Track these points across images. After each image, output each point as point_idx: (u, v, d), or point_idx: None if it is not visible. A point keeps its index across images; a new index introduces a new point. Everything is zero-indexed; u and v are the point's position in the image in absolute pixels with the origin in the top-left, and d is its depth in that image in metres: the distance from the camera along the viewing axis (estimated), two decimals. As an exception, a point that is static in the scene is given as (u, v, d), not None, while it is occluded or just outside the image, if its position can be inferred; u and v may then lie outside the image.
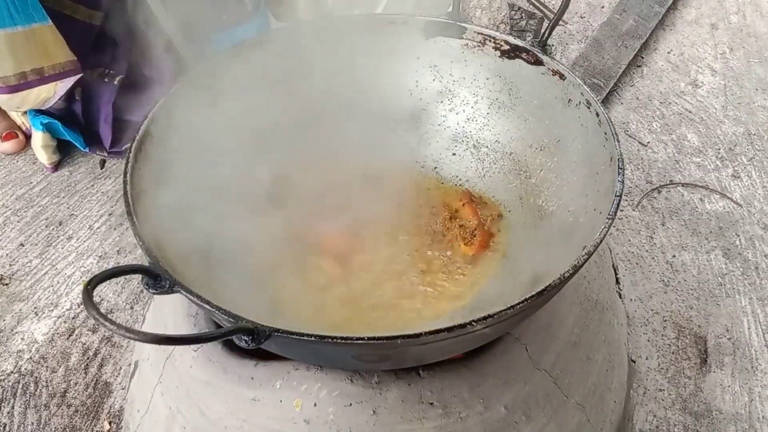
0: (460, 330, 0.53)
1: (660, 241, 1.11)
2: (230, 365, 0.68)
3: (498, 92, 0.84)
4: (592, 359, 0.77)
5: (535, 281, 0.72)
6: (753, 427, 0.87)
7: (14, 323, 0.99)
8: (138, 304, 1.02)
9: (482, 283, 0.77)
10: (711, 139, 1.32)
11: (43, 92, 1.14)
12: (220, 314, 0.54)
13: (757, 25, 1.63)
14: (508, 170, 0.84)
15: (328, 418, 0.63)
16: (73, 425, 0.87)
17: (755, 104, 1.40)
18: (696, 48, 1.56)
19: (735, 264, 1.08)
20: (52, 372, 0.93)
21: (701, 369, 0.94)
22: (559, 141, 0.78)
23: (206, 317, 0.75)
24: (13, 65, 1.08)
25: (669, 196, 1.20)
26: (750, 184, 1.22)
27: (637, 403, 0.89)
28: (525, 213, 0.80)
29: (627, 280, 1.05)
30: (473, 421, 0.65)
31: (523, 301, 0.54)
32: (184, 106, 0.76)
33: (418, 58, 0.87)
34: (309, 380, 0.65)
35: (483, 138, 0.86)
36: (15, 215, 1.16)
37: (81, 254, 1.09)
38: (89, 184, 1.22)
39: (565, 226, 0.73)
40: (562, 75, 0.76)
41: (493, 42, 0.82)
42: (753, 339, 0.97)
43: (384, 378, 0.65)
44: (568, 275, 0.56)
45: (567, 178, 0.76)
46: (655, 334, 0.98)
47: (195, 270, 0.69)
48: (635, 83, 1.46)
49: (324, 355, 0.62)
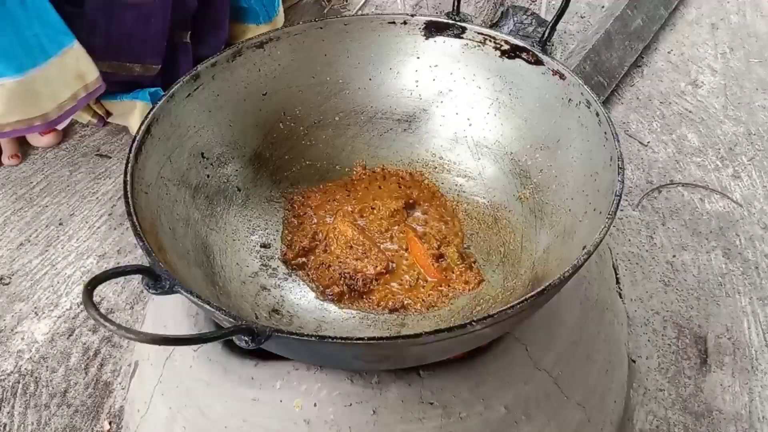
0: (460, 330, 0.53)
1: (660, 241, 1.11)
2: (230, 365, 0.68)
3: (498, 92, 0.84)
4: (593, 359, 0.77)
5: (535, 281, 0.72)
6: (753, 427, 0.87)
7: (14, 323, 0.99)
8: (138, 304, 1.02)
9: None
10: (711, 139, 1.32)
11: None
12: (220, 315, 0.54)
13: (757, 25, 1.63)
14: (508, 170, 0.84)
15: (328, 418, 0.63)
16: (73, 425, 0.87)
17: (755, 104, 1.40)
18: (696, 48, 1.56)
19: (735, 264, 1.08)
20: (52, 372, 0.93)
21: (701, 369, 0.94)
22: (559, 141, 0.78)
23: (206, 317, 0.75)
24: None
25: (669, 196, 1.20)
26: (750, 184, 1.22)
27: (638, 403, 0.89)
28: (525, 213, 0.80)
29: (627, 280, 1.05)
30: (473, 421, 0.65)
31: (523, 301, 0.54)
32: (184, 106, 0.76)
33: (418, 58, 0.87)
34: (309, 380, 0.65)
35: (483, 138, 0.86)
36: (15, 215, 1.16)
37: (81, 254, 1.09)
38: (89, 184, 1.22)
39: (565, 226, 0.73)
40: (562, 75, 0.76)
41: (493, 42, 0.82)
42: (753, 339, 0.97)
43: (384, 378, 0.65)
44: (568, 275, 0.56)
45: (567, 178, 0.76)
46: (656, 334, 0.98)
47: (195, 270, 0.69)
48: (635, 83, 1.46)
49: (324, 356, 0.63)
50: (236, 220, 0.81)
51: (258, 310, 0.73)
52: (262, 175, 0.85)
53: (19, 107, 1.03)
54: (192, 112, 0.77)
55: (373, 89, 0.89)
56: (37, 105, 1.04)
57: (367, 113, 0.90)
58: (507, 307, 0.54)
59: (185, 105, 0.76)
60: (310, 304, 0.76)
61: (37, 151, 1.29)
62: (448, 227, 0.83)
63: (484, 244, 0.82)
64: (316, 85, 0.87)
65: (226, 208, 0.80)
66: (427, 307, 0.75)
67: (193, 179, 0.76)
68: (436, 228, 0.83)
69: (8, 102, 1.01)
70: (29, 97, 1.02)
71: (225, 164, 0.81)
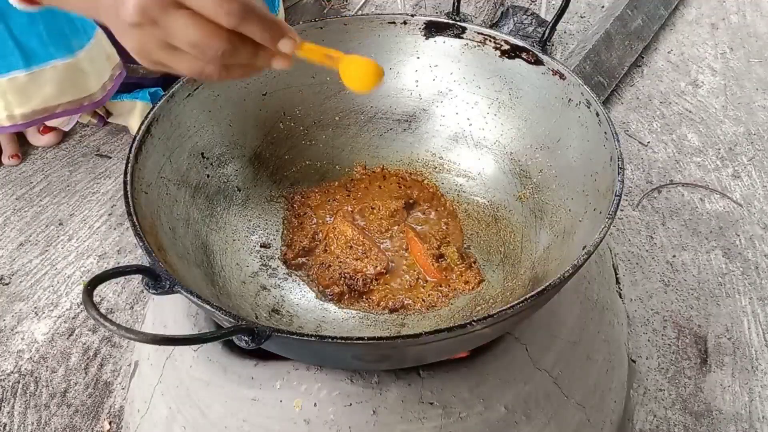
0: (460, 330, 0.53)
1: (660, 241, 1.11)
2: (230, 365, 0.68)
3: (498, 92, 0.84)
4: (593, 359, 0.77)
5: (535, 281, 0.72)
6: (753, 427, 0.87)
7: (14, 323, 0.99)
8: (138, 304, 1.02)
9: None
10: (711, 138, 1.32)
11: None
12: (220, 314, 0.54)
13: (757, 25, 1.63)
14: (508, 170, 0.84)
15: (328, 418, 0.63)
16: (73, 425, 0.87)
17: (755, 104, 1.40)
18: (696, 48, 1.56)
19: (735, 264, 1.08)
20: (52, 372, 0.93)
21: (701, 369, 0.94)
22: (559, 141, 0.78)
23: (206, 317, 0.75)
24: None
25: (669, 196, 1.20)
26: (750, 184, 1.22)
27: (638, 403, 0.89)
28: (525, 213, 0.80)
29: (627, 279, 1.05)
30: (473, 421, 0.65)
31: (523, 301, 0.54)
32: (184, 106, 0.76)
33: (418, 58, 0.87)
34: (309, 380, 0.65)
35: (483, 138, 0.86)
36: (15, 215, 1.16)
37: (81, 254, 1.09)
38: (89, 184, 1.22)
39: (565, 226, 0.73)
40: (562, 75, 0.76)
41: (493, 42, 0.82)
42: (753, 339, 0.97)
43: (384, 378, 0.65)
44: (568, 275, 0.56)
45: (567, 178, 0.76)
46: (656, 334, 0.98)
47: (195, 270, 0.69)
48: (635, 83, 1.46)
49: (324, 355, 0.63)
50: (236, 220, 0.81)
51: (258, 310, 0.73)
52: (262, 175, 0.85)
53: (70, 88, 1.06)
54: (192, 112, 0.77)
55: (373, 89, 0.89)
56: (85, 85, 1.07)
57: (366, 113, 0.90)
58: (507, 307, 0.54)
59: (185, 105, 0.76)
60: (310, 304, 0.76)
61: (37, 151, 1.29)
62: (448, 227, 0.83)
63: (484, 244, 0.82)
64: (315, 85, 0.87)
65: (226, 208, 0.80)
66: (427, 307, 0.75)
67: (193, 179, 0.76)
68: (436, 228, 0.83)
69: (60, 84, 1.04)
70: (78, 78, 1.06)
71: (225, 164, 0.81)
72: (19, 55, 0.99)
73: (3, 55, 0.98)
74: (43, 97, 1.04)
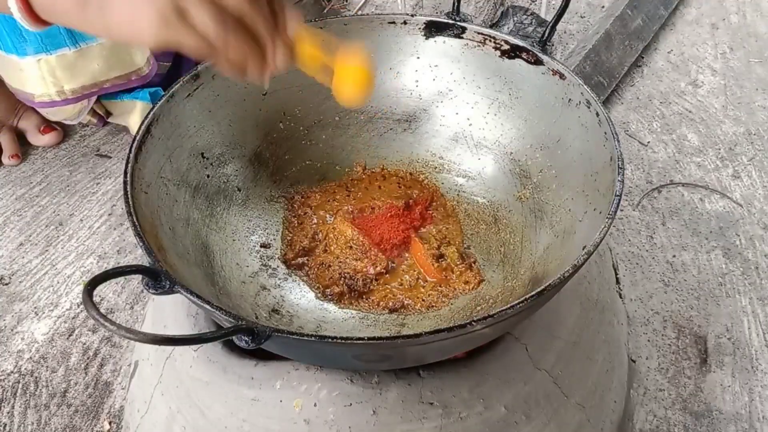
0: (460, 330, 0.53)
1: (660, 241, 1.11)
2: (230, 365, 0.68)
3: (498, 92, 0.84)
4: (593, 359, 0.77)
5: (535, 281, 0.72)
6: (753, 427, 0.87)
7: (14, 323, 0.99)
8: (138, 304, 1.02)
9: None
10: (711, 138, 1.32)
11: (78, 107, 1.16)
12: (220, 315, 0.54)
13: (757, 25, 1.63)
14: (508, 170, 0.84)
15: (328, 418, 0.63)
16: (73, 425, 0.87)
17: (755, 104, 1.40)
18: (696, 48, 1.56)
19: (735, 264, 1.08)
20: (52, 372, 0.93)
21: (701, 369, 0.94)
22: (559, 141, 0.78)
23: (206, 317, 0.75)
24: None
25: (669, 196, 1.20)
26: (750, 184, 1.22)
27: (638, 403, 0.89)
28: (525, 213, 0.80)
29: (627, 280, 1.05)
30: (473, 421, 0.65)
31: (523, 301, 0.54)
32: (184, 106, 0.76)
33: (418, 58, 0.87)
34: (309, 380, 0.65)
35: (483, 138, 0.86)
36: (15, 215, 1.16)
37: (81, 254, 1.09)
38: (89, 184, 1.22)
39: (565, 226, 0.73)
40: (562, 75, 0.76)
41: (493, 42, 0.82)
42: (753, 339, 0.97)
43: (384, 378, 0.65)
44: (568, 275, 0.56)
45: (567, 178, 0.76)
46: (656, 334, 0.98)
47: (195, 270, 0.69)
48: (635, 83, 1.46)
49: (324, 355, 0.63)
50: (236, 220, 0.81)
51: (258, 310, 0.73)
52: (262, 175, 0.85)
53: (118, 64, 1.08)
54: (192, 112, 0.77)
55: (373, 89, 0.89)
56: (132, 60, 1.10)
57: (366, 113, 0.90)
58: (507, 307, 0.54)
59: (185, 105, 0.76)
60: (310, 304, 0.76)
61: (37, 151, 1.29)
62: (448, 227, 0.83)
63: (484, 244, 0.82)
64: (315, 85, 0.86)
65: (226, 208, 0.80)
66: (427, 307, 0.75)
67: (193, 179, 0.76)
68: (436, 228, 0.83)
69: (107, 59, 1.06)
70: (124, 54, 1.09)
71: (225, 164, 0.81)
72: (66, 34, 1.01)
73: (51, 34, 1.01)
74: (92, 73, 1.07)
